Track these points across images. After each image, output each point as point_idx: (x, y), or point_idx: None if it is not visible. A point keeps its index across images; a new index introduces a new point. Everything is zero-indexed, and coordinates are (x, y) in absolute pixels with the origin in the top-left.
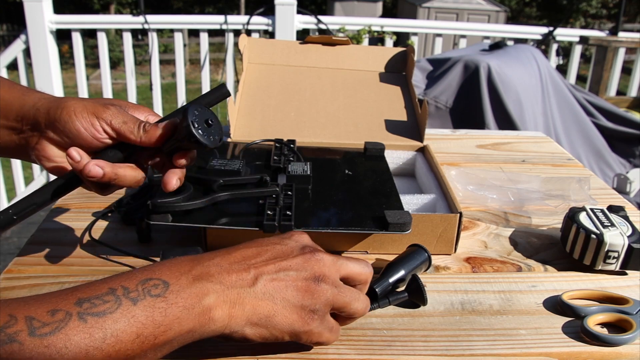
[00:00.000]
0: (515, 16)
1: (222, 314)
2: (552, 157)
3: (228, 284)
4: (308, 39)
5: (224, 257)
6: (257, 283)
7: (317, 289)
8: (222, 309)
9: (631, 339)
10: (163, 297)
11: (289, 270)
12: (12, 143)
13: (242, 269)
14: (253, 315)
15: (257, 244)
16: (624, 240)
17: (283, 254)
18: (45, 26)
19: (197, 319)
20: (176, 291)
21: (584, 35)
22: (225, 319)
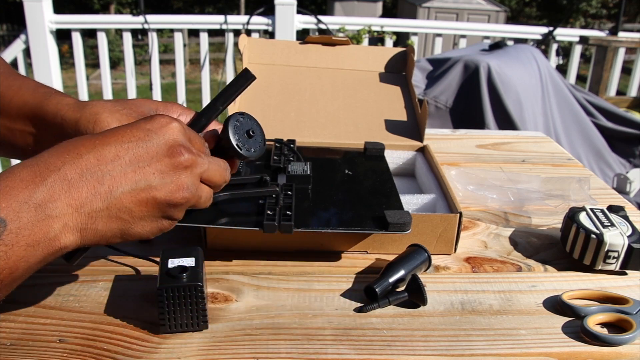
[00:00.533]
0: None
1: (72, 238)
2: (552, 157)
3: (77, 205)
4: (308, 39)
5: (75, 164)
6: (111, 196)
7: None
8: (72, 234)
9: (631, 339)
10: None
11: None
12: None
13: (95, 180)
14: (107, 231)
15: (117, 139)
16: (623, 240)
17: (146, 157)
18: (45, 26)
19: (44, 252)
20: (15, 231)
21: (584, 35)
22: (75, 242)
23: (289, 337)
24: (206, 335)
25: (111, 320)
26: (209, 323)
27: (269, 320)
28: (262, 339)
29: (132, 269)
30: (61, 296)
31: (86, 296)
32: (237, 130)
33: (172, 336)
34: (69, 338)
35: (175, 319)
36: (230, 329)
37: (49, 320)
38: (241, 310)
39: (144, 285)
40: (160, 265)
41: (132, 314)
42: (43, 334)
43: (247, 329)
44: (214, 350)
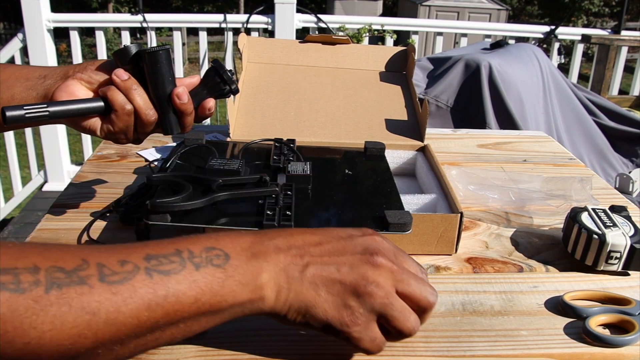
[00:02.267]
0: (516, 15)
1: (271, 294)
2: (553, 156)
3: (281, 266)
4: (308, 38)
5: (285, 239)
6: (307, 270)
7: (365, 292)
8: (271, 289)
9: (633, 340)
10: (223, 268)
11: (342, 265)
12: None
13: (298, 254)
14: (295, 302)
15: (323, 233)
16: (626, 241)
17: (343, 250)
18: (42, 24)
19: (249, 295)
20: (235, 265)
21: (586, 34)
22: (272, 300)
23: (289, 338)
24: (206, 336)
25: None
26: None
27: (268, 321)
28: (262, 339)
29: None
30: None
31: None
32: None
33: None
34: None
35: None
36: (230, 329)
37: None
38: None
39: None
40: None
41: None
42: None
43: (246, 329)
44: (214, 350)
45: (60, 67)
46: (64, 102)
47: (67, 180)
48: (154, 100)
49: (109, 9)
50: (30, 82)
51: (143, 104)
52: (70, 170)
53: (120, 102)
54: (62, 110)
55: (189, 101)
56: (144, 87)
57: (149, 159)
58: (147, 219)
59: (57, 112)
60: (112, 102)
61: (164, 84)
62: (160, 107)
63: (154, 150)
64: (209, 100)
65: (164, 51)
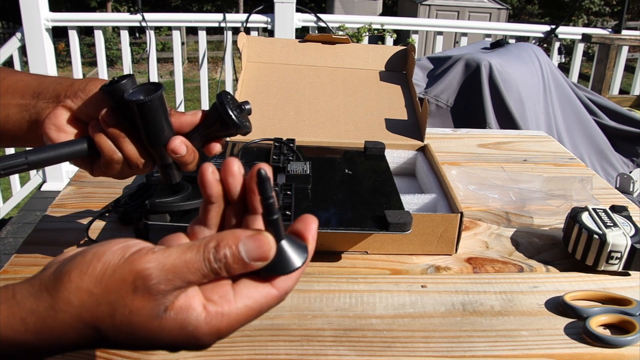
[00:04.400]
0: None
1: None
2: (554, 156)
3: None
4: (307, 37)
5: None
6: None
7: None
8: None
9: (634, 340)
10: None
11: None
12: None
13: None
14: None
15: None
16: (626, 241)
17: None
18: (41, 24)
19: None
20: None
21: (587, 33)
22: None
23: (288, 339)
24: None
25: None
26: None
27: (268, 321)
28: (261, 340)
29: None
30: None
31: None
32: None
33: None
34: None
35: None
36: None
37: None
38: None
39: None
40: None
41: None
42: None
43: (245, 330)
44: (213, 351)
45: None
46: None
47: (66, 180)
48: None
49: (107, 8)
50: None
51: (133, 154)
52: (69, 170)
53: (108, 150)
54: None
55: (188, 152)
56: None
57: None
58: (147, 219)
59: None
60: (100, 149)
61: (157, 134)
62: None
63: None
64: (215, 145)
65: (155, 99)
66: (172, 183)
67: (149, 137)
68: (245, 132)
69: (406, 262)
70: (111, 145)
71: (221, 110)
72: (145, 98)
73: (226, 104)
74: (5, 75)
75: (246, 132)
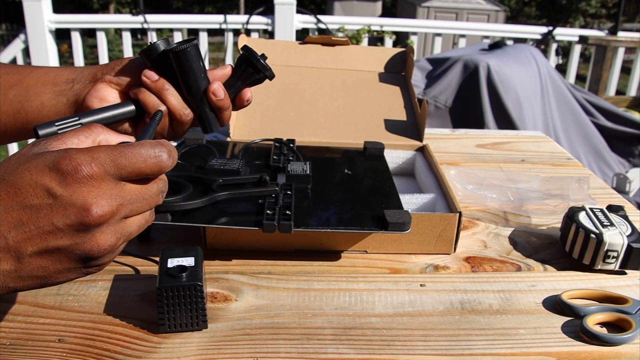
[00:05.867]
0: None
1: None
2: (551, 156)
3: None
4: (307, 39)
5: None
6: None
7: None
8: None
9: (630, 338)
10: None
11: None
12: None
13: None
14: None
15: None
16: (623, 240)
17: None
18: (44, 26)
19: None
20: None
21: (584, 35)
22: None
23: (288, 337)
24: (205, 335)
25: (110, 320)
26: (208, 323)
27: (268, 320)
28: (261, 338)
29: (132, 269)
30: (60, 296)
31: (85, 296)
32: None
33: (171, 336)
34: (69, 338)
35: (174, 318)
36: (230, 328)
37: (48, 320)
38: (240, 309)
39: (143, 285)
40: (160, 265)
41: (132, 313)
42: (42, 334)
43: (246, 328)
44: (213, 350)
45: (87, 68)
46: (94, 111)
47: None
48: (188, 98)
49: (110, 10)
50: (58, 87)
51: (177, 104)
52: None
53: (153, 105)
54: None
55: (225, 96)
56: (176, 85)
57: None
58: None
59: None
60: (145, 105)
61: (196, 81)
62: (196, 105)
63: None
64: (246, 91)
65: (192, 47)
66: (212, 131)
67: (189, 85)
68: (272, 76)
69: (405, 261)
70: (155, 99)
71: (251, 58)
72: (183, 46)
73: (253, 52)
74: (32, 69)
75: (272, 77)
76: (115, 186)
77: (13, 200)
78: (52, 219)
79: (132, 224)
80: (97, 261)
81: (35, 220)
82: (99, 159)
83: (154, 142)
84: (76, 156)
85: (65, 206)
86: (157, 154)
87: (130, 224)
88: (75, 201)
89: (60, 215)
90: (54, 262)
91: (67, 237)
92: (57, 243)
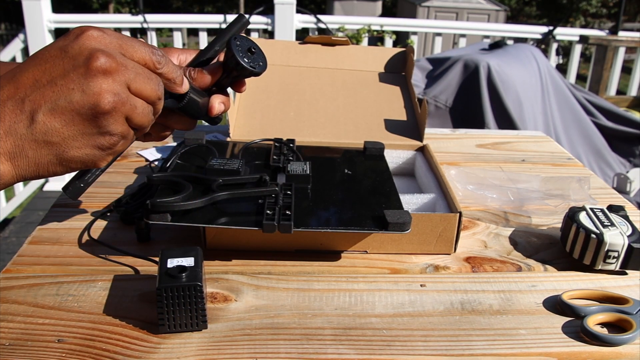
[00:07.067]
0: (515, 15)
1: (5, 167)
2: (551, 156)
3: (4, 130)
4: (307, 39)
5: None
6: (35, 120)
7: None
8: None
9: (631, 338)
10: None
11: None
12: None
13: (17, 107)
14: (41, 159)
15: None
16: (624, 240)
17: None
18: (43, 25)
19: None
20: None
21: (584, 35)
22: (10, 172)
23: (288, 337)
24: (205, 335)
25: (110, 320)
26: (208, 323)
27: (268, 320)
28: (261, 338)
29: (131, 269)
30: (60, 296)
31: (85, 296)
32: (240, 48)
33: (171, 336)
34: (68, 338)
35: (174, 318)
36: (230, 328)
37: (48, 320)
38: (240, 310)
39: (143, 285)
40: (160, 265)
41: (131, 313)
42: (42, 334)
43: (246, 328)
44: (213, 350)
45: None
46: None
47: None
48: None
49: (109, 10)
50: None
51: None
52: None
53: None
54: None
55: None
56: None
57: (150, 158)
58: (148, 219)
59: None
60: None
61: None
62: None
63: (155, 150)
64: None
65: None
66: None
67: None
68: (259, 72)
69: (405, 262)
70: None
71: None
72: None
73: (235, 53)
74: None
75: (261, 72)
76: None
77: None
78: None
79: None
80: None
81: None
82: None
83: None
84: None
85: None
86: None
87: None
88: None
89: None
90: (67, 124)
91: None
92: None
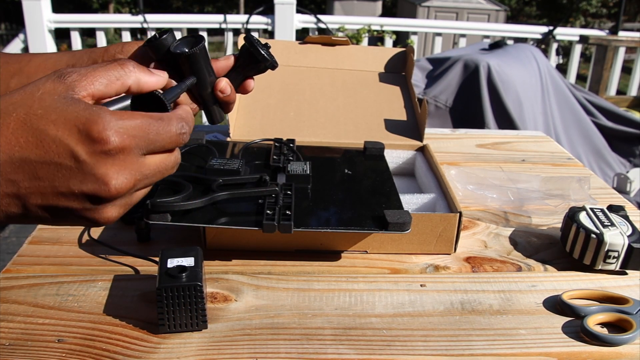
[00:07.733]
0: (515, 15)
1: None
2: (552, 156)
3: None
4: (307, 39)
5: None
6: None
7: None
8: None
9: (631, 338)
10: None
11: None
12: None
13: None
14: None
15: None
16: (624, 240)
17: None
18: (44, 25)
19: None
20: None
21: (584, 35)
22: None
23: (288, 337)
24: (205, 335)
25: (110, 320)
26: (208, 323)
27: (268, 320)
28: (261, 338)
29: (131, 269)
30: (60, 296)
31: (85, 296)
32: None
33: (171, 336)
34: (68, 338)
35: (174, 318)
36: (230, 328)
37: (48, 320)
38: (240, 310)
39: (143, 285)
40: (160, 265)
41: (131, 313)
42: (42, 334)
43: (246, 328)
44: (213, 350)
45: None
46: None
47: None
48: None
49: (109, 10)
50: None
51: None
52: None
53: None
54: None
55: (232, 92)
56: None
57: None
58: (148, 219)
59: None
60: None
61: (205, 81)
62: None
63: None
64: (250, 82)
65: (201, 49)
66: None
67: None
68: (274, 66)
69: (405, 262)
70: None
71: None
72: (192, 49)
73: (255, 44)
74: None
75: (275, 66)
76: (137, 160)
77: (33, 151)
78: (69, 183)
79: (139, 195)
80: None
81: (52, 178)
82: (131, 132)
83: (179, 116)
84: (109, 124)
85: (85, 173)
86: (182, 131)
87: (137, 196)
88: (97, 172)
89: (78, 181)
90: (59, 218)
91: (78, 202)
92: (66, 204)
